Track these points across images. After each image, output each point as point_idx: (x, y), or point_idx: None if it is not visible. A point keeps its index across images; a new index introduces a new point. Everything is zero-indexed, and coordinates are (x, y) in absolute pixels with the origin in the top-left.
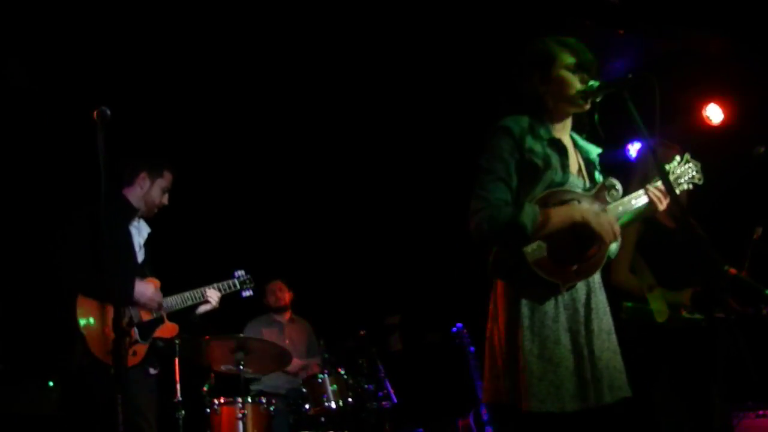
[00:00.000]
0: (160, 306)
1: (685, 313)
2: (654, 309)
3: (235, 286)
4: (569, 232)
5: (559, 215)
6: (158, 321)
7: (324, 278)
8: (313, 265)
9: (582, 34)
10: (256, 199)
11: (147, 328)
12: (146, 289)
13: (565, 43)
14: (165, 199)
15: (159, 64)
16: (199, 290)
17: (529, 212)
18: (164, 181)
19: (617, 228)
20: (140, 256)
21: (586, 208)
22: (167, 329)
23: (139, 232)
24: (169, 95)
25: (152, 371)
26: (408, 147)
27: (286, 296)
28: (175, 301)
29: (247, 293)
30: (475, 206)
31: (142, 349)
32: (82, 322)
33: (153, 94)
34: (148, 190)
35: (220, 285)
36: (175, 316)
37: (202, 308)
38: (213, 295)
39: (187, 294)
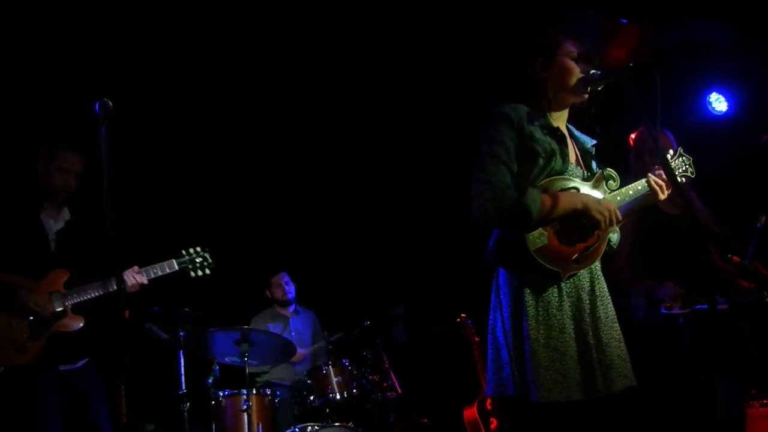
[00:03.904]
0: (46, 312)
1: (665, 309)
2: (633, 305)
3: (171, 267)
4: (571, 218)
5: (561, 201)
6: (57, 315)
7: (328, 269)
8: (317, 256)
9: (586, 23)
10: (260, 191)
11: (42, 325)
12: (28, 297)
13: (570, 32)
14: (69, 180)
15: (160, 56)
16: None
17: (533, 196)
18: (59, 162)
19: (618, 214)
20: (54, 246)
21: (588, 196)
22: (70, 323)
23: (55, 220)
24: (175, 89)
25: (62, 368)
26: (411, 137)
27: (292, 290)
28: (78, 295)
29: (197, 274)
30: (478, 189)
31: (35, 346)
32: None
33: (157, 88)
34: (45, 176)
35: (144, 270)
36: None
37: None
38: (130, 278)
39: (96, 284)
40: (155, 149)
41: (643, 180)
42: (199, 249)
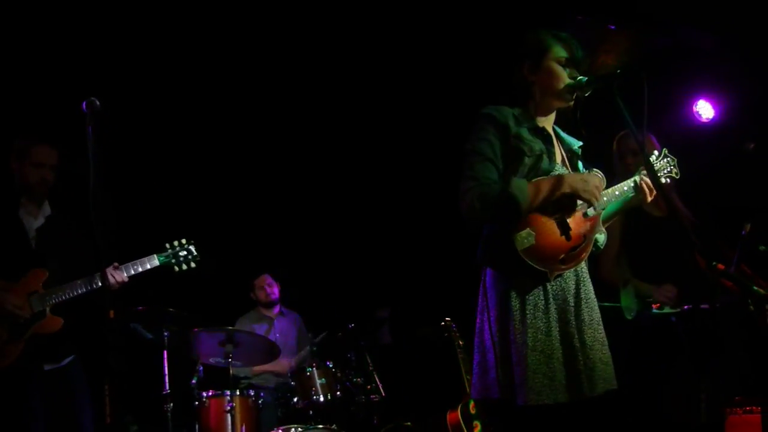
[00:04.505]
0: (25, 314)
1: (655, 309)
2: (623, 306)
3: (152, 263)
4: (558, 198)
5: (546, 186)
6: (36, 317)
7: (314, 271)
8: (302, 258)
9: (573, 28)
10: (246, 192)
11: (20, 327)
12: (4, 299)
13: (559, 37)
14: (45, 174)
15: (154, 55)
16: (95, 275)
17: (519, 185)
18: (33, 157)
19: (602, 186)
20: (34, 243)
21: (572, 177)
22: (49, 324)
23: (35, 217)
24: (166, 89)
25: (47, 367)
26: (398, 139)
27: (276, 290)
28: (58, 295)
29: (182, 268)
30: (465, 186)
31: (14, 349)
32: None
33: (144, 85)
34: (20, 172)
35: (123, 266)
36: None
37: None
38: (109, 276)
39: (77, 282)
40: (139, 148)
41: (629, 180)
42: (183, 241)
